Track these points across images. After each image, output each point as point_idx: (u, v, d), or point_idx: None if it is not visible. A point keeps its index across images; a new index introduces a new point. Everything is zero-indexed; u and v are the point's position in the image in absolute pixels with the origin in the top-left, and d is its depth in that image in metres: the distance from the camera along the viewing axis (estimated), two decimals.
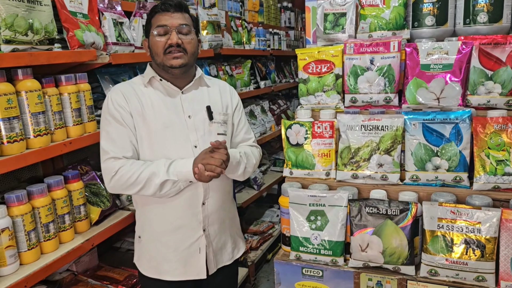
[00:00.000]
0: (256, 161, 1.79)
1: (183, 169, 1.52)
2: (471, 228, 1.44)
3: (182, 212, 1.64)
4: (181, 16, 1.58)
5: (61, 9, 1.71)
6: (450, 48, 1.64)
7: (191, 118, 1.65)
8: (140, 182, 1.52)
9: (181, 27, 1.57)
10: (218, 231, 1.73)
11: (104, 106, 1.62)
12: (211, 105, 1.69)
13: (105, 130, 1.59)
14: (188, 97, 1.67)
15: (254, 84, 3.73)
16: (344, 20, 1.87)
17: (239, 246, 1.88)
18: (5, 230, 1.45)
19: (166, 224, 1.65)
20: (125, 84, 1.66)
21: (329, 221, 1.64)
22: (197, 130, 1.65)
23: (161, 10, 1.58)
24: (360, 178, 1.71)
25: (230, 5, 3.57)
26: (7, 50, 1.43)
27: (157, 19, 1.58)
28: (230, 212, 1.83)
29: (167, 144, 1.60)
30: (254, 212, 3.98)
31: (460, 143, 1.58)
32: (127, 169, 1.53)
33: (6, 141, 1.45)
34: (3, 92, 1.43)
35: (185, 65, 1.59)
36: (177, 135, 1.62)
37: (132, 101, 1.60)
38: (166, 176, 1.52)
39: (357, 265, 1.60)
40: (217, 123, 1.69)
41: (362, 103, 1.79)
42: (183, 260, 1.67)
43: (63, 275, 1.91)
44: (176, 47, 1.55)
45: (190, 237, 1.67)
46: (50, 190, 1.67)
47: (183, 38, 1.57)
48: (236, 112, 1.80)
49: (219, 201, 1.72)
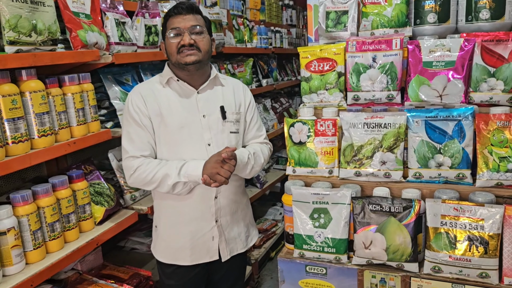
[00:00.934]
0: (264, 159, 1.88)
1: (193, 172, 1.63)
2: (474, 225, 1.45)
3: (196, 205, 1.76)
4: (192, 18, 1.66)
5: (64, 9, 1.72)
6: (452, 45, 1.64)
7: (205, 117, 1.74)
8: (155, 181, 1.66)
9: (193, 28, 1.65)
10: (230, 221, 1.84)
11: (125, 107, 1.74)
12: (225, 105, 1.78)
13: (126, 130, 1.72)
14: (204, 97, 1.76)
15: (256, 82, 3.74)
16: (346, 18, 1.87)
17: (252, 234, 2.00)
18: (11, 230, 1.46)
19: (181, 216, 1.77)
20: (144, 85, 1.77)
21: (333, 218, 1.64)
22: (211, 129, 1.74)
23: (174, 13, 1.67)
24: (363, 175, 1.71)
25: (231, 4, 3.57)
26: (11, 51, 1.44)
27: (171, 23, 1.67)
28: (242, 203, 1.93)
29: (182, 143, 1.70)
30: (257, 210, 3.99)
31: (463, 140, 1.59)
32: (143, 169, 1.66)
33: (11, 141, 1.46)
34: (7, 93, 1.44)
35: (199, 61, 1.66)
36: (192, 134, 1.72)
37: (150, 103, 1.69)
38: (177, 178, 1.64)
39: (360, 262, 1.61)
40: (230, 122, 1.79)
41: (364, 101, 1.79)
42: (198, 247, 1.79)
43: (68, 274, 1.92)
44: (188, 46, 1.63)
45: (203, 227, 1.78)
46: (55, 190, 1.68)
47: (196, 37, 1.65)
48: (249, 110, 1.89)
49: (231, 194, 1.82)
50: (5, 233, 1.44)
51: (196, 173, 1.63)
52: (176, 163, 1.66)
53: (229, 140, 1.78)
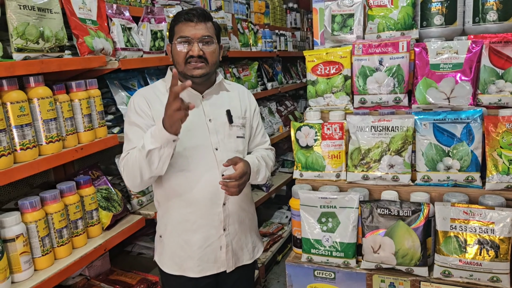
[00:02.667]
0: (272, 163, 1.87)
1: (157, 132, 1.46)
2: (485, 229, 1.43)
3: (203, 212, 1.70)
4: (204, 27, 1.61)
5: (71, 16, 1.73)
6: (459, 47, 1.63)
7: (211, 121, 1.71)
8: (137, 166, 1.53)
9: (203, 38, 1.60)
10: (238, 230, 1.80)
11: (127, 111, 1.69)
12: (231, 109, 1.76)
13: (125, 132, 1.67)
14: (209, 101, 1.73)
15: (261, 85, 3.74)
16: (352, 21, 1.87)
17: (259, 246, 1.95)
18: (20, 236, 1.46)
19: (188, 224, 1.72)
20: (147, 89, 1.73)
21: (341, 222, 1.64)
22: (218, 133, 1.71)
23: (185, 19, 1.60)
24: (371, 179, 1.70)
25: (236, 8, 3.58)
26: (19, 58, 1.45)
27: (180, 29, 1.61)
28: (250, 212, 1.89)
29: (189, 147, 1.66)
30: (263, 213, 3.98)
31: (472, 142, 1.57)
32: (126, 161, 1.59)
33: (19, 148, 1.47)
34: (15, 100, 1.44)
35: (206, 74, 1.64)
36: (198, 138, 1.68)
37: (154, 105, 1.65)
38: (148, 146, 1.48)
39: (369, 266, 1.60)
40: (236, 127, 1.76)
41: (371, 104, 1.78)
42: (205, 257, 1.74)
43: (76, 280, 1.92)
44: (197, 58, 1.59)
45: (211, 236, 1.73)
46: (63, 196, 1.68)
47: (205, 48, 1.61)
48: (255, 115, 1.88)
49: (239, 201, 1.78)
50: (14, 239, 1.45)
51: (159, 132, 1.45)
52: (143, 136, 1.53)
53: (236, 144, 1.76)
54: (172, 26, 1.66)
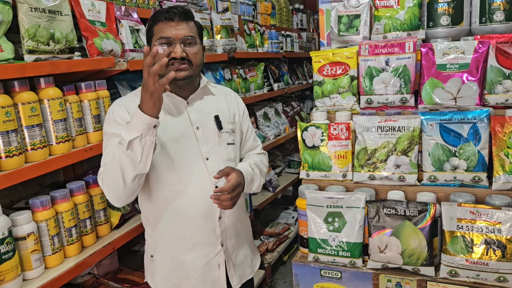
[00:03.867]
0: (266, 169, 1.78)
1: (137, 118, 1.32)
2: (491, 228, 1.44)
3: (198, 228, 1.58)
4: (186, 27, 1.49)
5: (80, 18, 1.75)
6: (466, 47, 1.63)
7: (199, 129, 1.59)
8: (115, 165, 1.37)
9: (186, 38, 1.48)
10: (236, 244, 1.69)
11: (105, 122, 1.53)
12: (219, 114, 1.64)
13: (108, 150, 1.47)
14: (195, 107, 1.61)
15: (267, 86, 3.75)
16: (358, 22, 1.87)
17: (256, 257, 1.86)
18: (31, 235, 1.49)
19: (182, 242, 1.59)
20: (127, 99, 1.58)
21: (347, 222, 1.64)
22: (207, 141, 1.60)
23: (165, 19, 1.48)
24: (377, 179, 1.71)
25: (242, 9, 3.60)
26: (30, 60, 1.48)
27: (160, 29, 1.48)
28: (246, 223, 1.79)
29: (178, 159, 1.53)
30: (269, 214, 3.99)
31: (478, 143, 1.58)
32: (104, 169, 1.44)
33: (30, 148, 1.49)
34: (27, 101, 1.47)
35: (190, 76, 1.52)
36: (187, 149, 1.56)
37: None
38: (127, 137, 1.32)
39: (375, 266, 1.60)
40: (226, 133, 1.64)
41: (378, 104, 1.79)
42: (203, 277, 1.62)
43: (85, 278, 1.95)
44: (180, 60, 1.47)
45: (208, 253, 1.61)
46: (72, 195, 1.70)
47: (188, 50, 1.49)
48: (244, 119, 1.76)
49: (235, 213, 1.66)
50: (25, 238, 1.47)
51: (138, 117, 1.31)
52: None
53: (228, 152, 1.64)
54: (150, 26, 1.52)
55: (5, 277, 1.39)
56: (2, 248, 1.37)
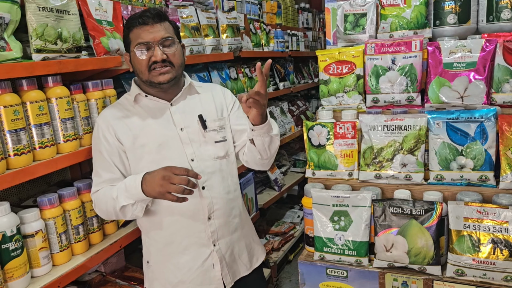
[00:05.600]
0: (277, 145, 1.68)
1: (133, 190, 1.44)
2: (498, 228, 1.43)
3: (188, 230, 1.59)
4: (161, 28, 1.48)
5: (87, 17, 1.76)
6: (473, 46, 1.63)
7: (183, 130, 1.58)
8: (111, 211, 1.52)
9: (164, 40, 1.48)
10: (229, 243, 1.66)
11: (93, 137, 1.60)
12: (205, 113, 1.62)
13: (94, 163, 1.59)
14: (179, 108, 1.60)
15: (273, 85, 3.75)
16: (364, 20, 1.87)
17: (258, 253, 1.80)
18: (39, 232, 1.50)
19: (174, 246, 1.60)
20: (112, 109, 1.61)
21: (353, 221, 1.64)
22: (192, 142, 1.58)
23: (139, 23, 1.47)
24: (384, 178, 1.71)
25: (248, 8, 3.60)
26: (38, 59, 1.49)
27: (136, 35, 1.48)
28: (242, 220, 1.73)
29: (163, 162, 1.49)
30: (275, 213, 4.00)
31: (485, 141, 1.57)
32: (100, 198, 1.54)
33: (38, 146, 1.51)
34: (34, 100, 1.48)
35: (174, 78, 1.53)
36: (172, 152, 1.56)
37: (119, 128, 1.55)
38: (122, 201, 1.46)
39: (382, 265, 1.60)
40: (213, 131, 1.62)
41: (384, 103, 1.79)
42: (199, 279, 1.62)
43: (92, 276, 1.96)
44: (161, 63, 1.48)
45: (201, 255, 1.61)
46: (80, 193, 1.71)
47: (168, 51, 1.49)
48: (233, 111, 1.71)
49: (226, 211, 1.64)
50: (33, 235, 1.48)
51: (135, 189, 1.42)
52: (118, 185, 1.49)
53: (215, 151, 1.61)
54: (126, 34, 1.53)
55: (14, 274, 1.41)
56: (10, 245, 1.39)
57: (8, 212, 1.41)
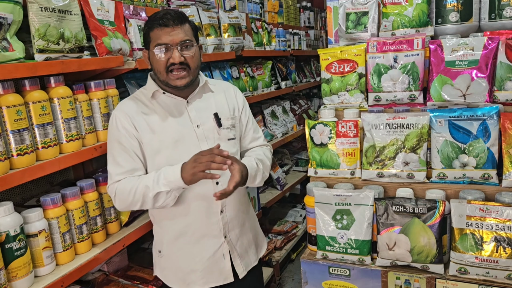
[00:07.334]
0: (269, 162, 1.80)
1: (171, 178, 1.49)
2: (501, 226, 1.43)
3: (201, 222, 1.65)
4: (181, 31, 1.52)
5: (89, 17, 1.77)
6: (475, 44, 1.62)
7: (199, 127, 1.65)
8: (138, 199, 1.54)
9: (183, 43, 1.52)
10: (239, 234, 1.75)
11: (109, 126, 1.64)
12: (218, 111, 1.69)
13: (111, 154, 1.61)
14: (195, 106, 1.67)
15: (275, 84, 3.75)
16: (366, 19, 1.87)
17: (262, 244, 1.92)
18: (42, 232, 1.51)
19: (187, 236, 1.67)
20: (129, 102, 1.65)
21: (355, 220, 1.64)
22: (207, 139, 1.65)
23: (160, 25, 1.51)
24: (386, 176, 1.71)
25: (250, 7, 3.60)
26: (40, 59, 1.49)
27: (157, 35, 1.52)
28: (249, 213, 1.85)
29: (179, 157, 1.55)
30: (277, 212, 4.00)
31: (488, 139, 1.57)
32: (122, 189, 1.55)
33: (41, 146, 1.51)
34: (37, 100, 1.49)
35: (190, 82, 1.59)
36: (188, 147, 1.60)
37: (137, 120, 1.59)
38: (157, 188, 1.50)
39: (384, 264, 1.60)
40: (226, 129, 1.69)
41: (386, 102, 1.78)
42: (209, 269, 1.68)
43: (96, 275, 1.96)
44: (179, 65, 1.53)
45: (213, 245, 1.68)
46: (83, 193, 1.72)
47: (186, 53, 1.54)
48: (243, 112, 1.80)
49: (237, 205, 1.73)
50: (37, 235, 1.49)
51: (174, 177, 1.48)
52: (153, 174, 1.54)
53: (228, 147, 1.66)
54: (147, 32, 1.57)
55: (18, 273, 1.41)
56: (14, 245, 1.40)
57: (11, 212, 1.42)
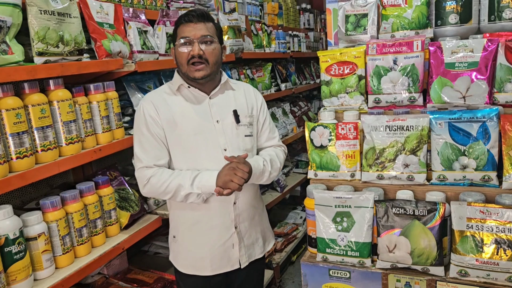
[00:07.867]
0: (280, 163, 1.87)
1: (207, 183, 1.61)
2: (502, 228, 1.42)
3: (215, 213, 1.74)
4: (203, 27, 1.64)
5: (89, 20, 1.77)
6: (475, 45, 1.62)
7: (219, 122, 1.73)
8: (169, 192, 1.64)
9: (203, 37, 1.62)
10: (248, 227, 1.83)
11: (136, 115, 1.73)
12: (238, 108, 1.77)
13: (138, 139, 1.70)
14: (216, 102, 1.75)
15: (275, 86, 3.75)
16: (365, 21, 1.87)
17: (269, 239, 1.99)
18: (41, 235, 1.50)
19: (201, 225, 1.75)
20: (155, 94, 1.75)
21: (356, 222, 1.64)
22: (226, 133, 1.73)
23: (185, 21, 1.64)
24: (386, 178, 1.70)
25: (249, 9, 3.60)
26: (40, 62, 1.49)
27: (181, 30, 1.65)
28: (259, 208, 1.93)
29: (198, 149, 1.69)
30: (277, 214, 3.99)
31: (488, 141, 1.56)
32: (157, 179, 1.64)
33: (41, 149, 1.51)
34: (36, 103, 1.49)
35: (208, 76, 1.66)
36: (207, 140, 1.70)
37: (162, 111, 1.68)
38: (190, 189, 1.62)
39: (385, 266, 1.60)
40: (244, 126, 1.78)
41: (386, 104, 1.78)
42: (218, 256, 1.78)
43: (95, 278, 1.96)
44: (198, 58, 1.62)
45: (223, 235, 1.77)
46: (82, 196, 1.72)
47: (205, 48, 1.63)
48: (261, 112, 1.88)
49: (249, 199, 1.81)
50: (36, 238, 1.49)
51: (209, 183, 1.61)
52: (189, 174, 1.64)
53: (245, 143, 1.77)
54: (174, 30, 1.70)
55: (17, 277, 1.41)
56: (13, 248, 1.39)
57: (10, 215, 1.42)
